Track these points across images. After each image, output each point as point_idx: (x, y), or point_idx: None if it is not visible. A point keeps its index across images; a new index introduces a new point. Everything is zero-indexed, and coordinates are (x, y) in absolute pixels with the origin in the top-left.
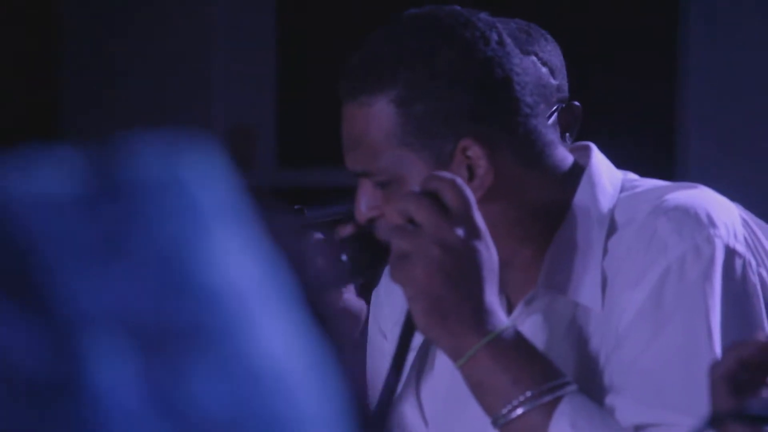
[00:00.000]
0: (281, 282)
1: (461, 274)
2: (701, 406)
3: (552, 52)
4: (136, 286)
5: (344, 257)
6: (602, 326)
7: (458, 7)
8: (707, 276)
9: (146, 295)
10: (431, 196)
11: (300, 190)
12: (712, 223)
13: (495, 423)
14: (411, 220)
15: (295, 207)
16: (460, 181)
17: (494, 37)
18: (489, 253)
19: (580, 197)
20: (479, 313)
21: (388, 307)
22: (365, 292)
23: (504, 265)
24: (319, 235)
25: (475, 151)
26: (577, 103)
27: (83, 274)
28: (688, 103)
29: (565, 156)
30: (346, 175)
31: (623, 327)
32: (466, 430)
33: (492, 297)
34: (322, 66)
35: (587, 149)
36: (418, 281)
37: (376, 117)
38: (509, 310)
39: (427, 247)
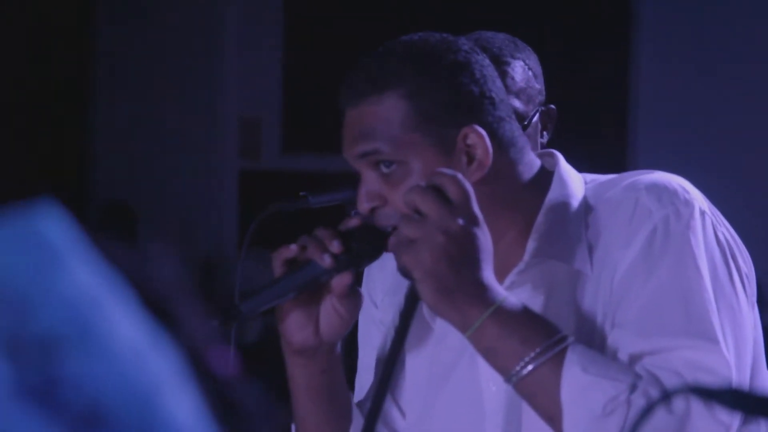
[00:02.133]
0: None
1: (463, 257)
2: (699, 329)
3: (535, 61)
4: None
5: (354, 245)
6: (593, 286)
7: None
8: (689, 228)
9: (9, 308)
10: (435, 189)
11: (301, 174)
12: (686, 191)
13: (509, 380)
14: (417, 211)
15: (301, 194)
16: (461, 176)
17: (478, 56)
18: (485, 238)
19: (555, 187)
20: (480, 289)
21: (379, 279)
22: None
23: (493, 243)
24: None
25: (474, 139)
26: (552, 106)
27: None
28: (639, 106)
29: (534, 159)
30: (343, 160)
31: (617, 281)
32: (447, 414)
33: (489, 274)
34: (324, 64)
35: (554, 155)
36: (426, 264)
37: (387, 111)
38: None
39: (433, 234)
